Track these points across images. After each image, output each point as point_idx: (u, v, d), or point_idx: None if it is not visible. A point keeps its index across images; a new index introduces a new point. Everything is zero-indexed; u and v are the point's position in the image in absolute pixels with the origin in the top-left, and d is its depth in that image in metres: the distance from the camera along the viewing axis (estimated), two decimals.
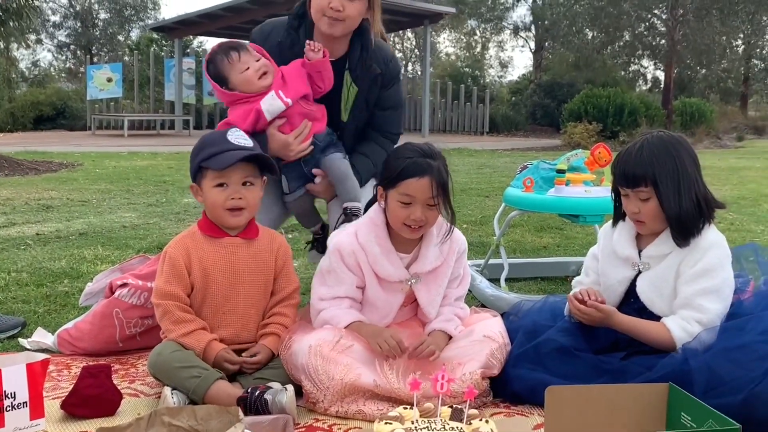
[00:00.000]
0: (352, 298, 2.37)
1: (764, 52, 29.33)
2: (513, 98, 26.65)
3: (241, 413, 1.86)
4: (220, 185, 2.29)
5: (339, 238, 2.39)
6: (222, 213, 2.31)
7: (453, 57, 40.28)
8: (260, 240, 2.40)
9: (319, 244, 3.00)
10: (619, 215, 2.42)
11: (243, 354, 2.30)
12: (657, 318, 2.29)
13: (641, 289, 2.31)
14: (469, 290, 3.58)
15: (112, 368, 2.51)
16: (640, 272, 2.33)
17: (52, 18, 29.44)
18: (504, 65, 40.21)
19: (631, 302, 2.36)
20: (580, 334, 2.33)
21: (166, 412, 1.87)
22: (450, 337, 2.38)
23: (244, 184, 2.31)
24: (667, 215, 2.23)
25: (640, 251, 2.34)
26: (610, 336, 2.31)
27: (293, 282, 2.45)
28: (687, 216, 2.22)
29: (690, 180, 2.23)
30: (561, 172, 3.48)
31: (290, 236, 4.98)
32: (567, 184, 3.46)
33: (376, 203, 2.40)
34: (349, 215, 2.69)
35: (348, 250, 2.34)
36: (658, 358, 2.16)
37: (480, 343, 2.31)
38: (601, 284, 2.42)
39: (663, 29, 22.42)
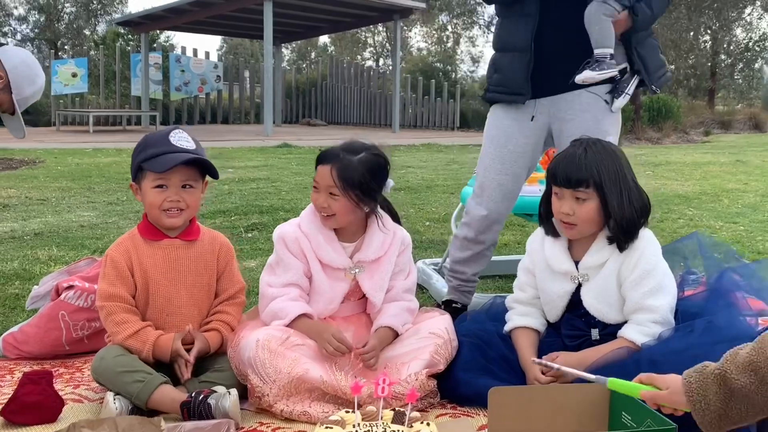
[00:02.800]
0: (299, 286, 2.39)
1: (731, 47, 29.72)
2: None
3: (163, 424, 1.83)
4: (159, 186, 2.27)
5: (283, 228, 2.45)
6: (159, 213, 2.29)
7: (424, 52, 40.33)
8: (201, 241, 2.39)
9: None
10: (549, 224, 2.39)
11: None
12: (603, 323, 2.31)
13: (588, 303, 2.31)
14: (425, 289, 3.61)
15: (57, 372, 2.49)
16: (580, 284, 2.33)
17: (15, 11, 28.95)
18: (475, 60, 40.30)
19: (575, 311, 2.37)
20: None
21: (86, 425, 1.85)
22: (397, 334, 2.38)
23: (183, 186, 2.29)
24: (613, 218, 2.24)
25: (576, 263, 2.34)
26: (556, 348, 2.32)
27: (237, 282, 2.44)
28: (630, 220, 2.23)
29: (630, 186, 2.25)
30: None
31: (249, 235, 4.95)
32: None
33: None
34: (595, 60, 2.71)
35: (291, 238, 2.40)
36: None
37: (425, 339, 2.32)
38: (542, 299, 2.41)
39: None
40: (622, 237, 2.25)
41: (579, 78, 2.72)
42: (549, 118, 2.85)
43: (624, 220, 2.23)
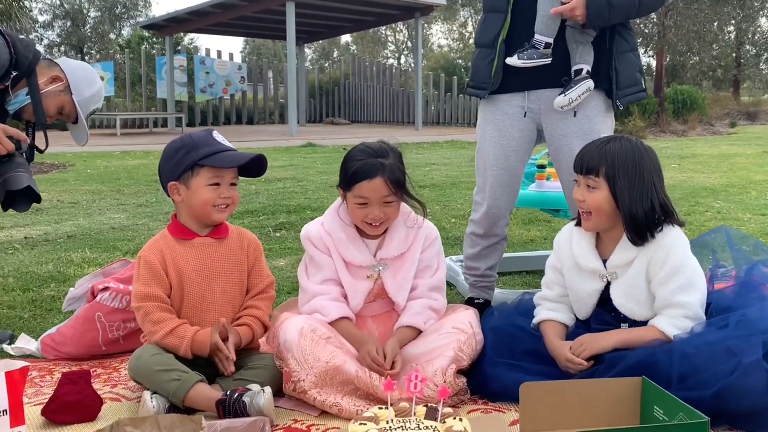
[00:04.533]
0: (337, 281, 2.43)
1: (756, 37, 29.34)
2: None
3: (204, 422, 1.87)
4: (215, 184, 2.33)
5: (307, 228, 2.49)
6: (210, 210, 2.35)
7: (446, 49, 40.26)
8: (230, 238, 2.44)
9: None
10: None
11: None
12: (635, 322, 2.31)
13: (618, 302, 2.31)
14: (452, 286, 3.62)
15: (95, 372, 2.55)
16: (609, 282, 2.34)
17: (41, 18, 29.32)
18: None
19: (604, 307, 2.37)
20: None
21: (129, 422, 1.88)
22: (419, 332, 2.40)
23: (231, 184, 2.37)
24: (621, 211, 2.25)
25: (604, 261, 2.34)
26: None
27: (266, 277, 2.49)
28: (639, 217, 2.23)
29: (646, 184, 2.24)
30: (542, 167, 3.49)
31: (278, 234, 5.00)
32: (548, 179, 3.47)
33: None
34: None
35: (316, 236, 2.44)
36: (629, 350, 2.19)
37: (447, 335, 2.32)
38: (571, 297, 2.42)
39: (653, 16, 22.43)
40: (632, 231, 2.25)
41: (509, 60, 2.77)
42: (539, 113, 2.88)
43: (631, 217, 2.23)
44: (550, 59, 2.75)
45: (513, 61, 2.76)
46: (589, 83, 2.75)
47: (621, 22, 2.81)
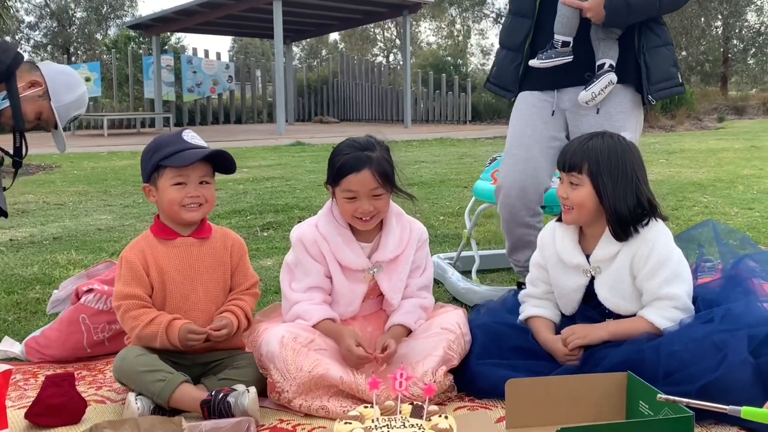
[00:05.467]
0: (322, 288, 2.40)
1: (743, 32, 29.46)
2: None
3: (184, 423, 1.86)
4: (179, 184, 2.31)
5: (301, 229, 2.45)
6: (178, 210, 2.32)
7: (434, 46, 40.28)
8: (213, 238, 2.42)
9: None
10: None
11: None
12: (619, 317, 2.32)
13: (603, 296, 2.32)
14: (441, 283, 3.62)
15: (80, 375, 2.53)
16: (593, 277, 2.34)
17: (27, 18, 29.15)
18: (486, 53, 40.20)
19: (589, 302, 2.37)
20: None
21: (108, 425, 1.87)
22: (410, 331, 2.40)
23: (201, 183, 2.33)
24: (605, 207, 2.26)
25: (587, 256, 2.34)
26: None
27: (251, 277, 2.46)
28: (623, 212, 2.24)
29: (630, 180, 2.25)
30: None
31: (265, 234, 4.98)
32: None
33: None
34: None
35: (310, 240, 2.40)
36: (616, 346, 2.19)
37: (437, 335, 2.32)
38: (556, 294, 2.42)
39: None
40: (617, 226, 2.26)
41: (531, 62, 2.84)
42: (568, 112, 2.90)
43: (615, 214, 2.24)
44: (571, 57, 2.77)
45: (534, 63, 2.83)
46: (611, 76, 2.76)
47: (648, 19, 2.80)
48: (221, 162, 2.37)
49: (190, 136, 2.35)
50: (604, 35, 2.77)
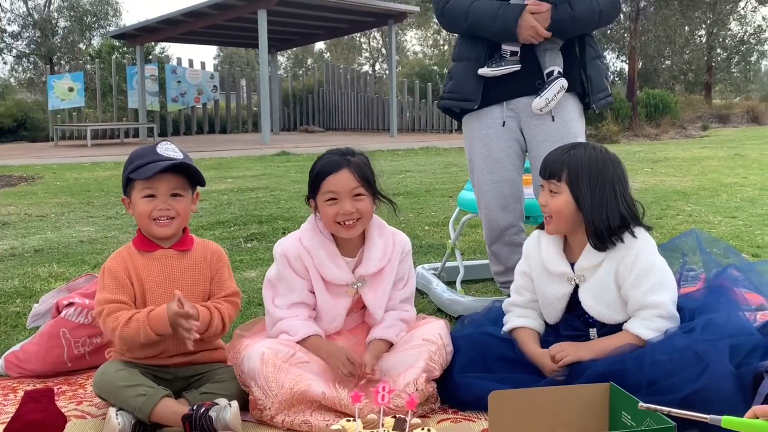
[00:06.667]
0: (306, 304, 2.38)
1: (726, 41, 29.73)
2: None
3: None
4: (149, 196, 2.29)
5: (284, 244, 2.42)
6: (149, 223, 2.30)
7: (420, 55, 40.39)
8: (194, 251, 2.39)
9: None
10: None
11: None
12: (601, 323, 2.32)
13: (588, 305, 2.32)
14: (425, 294, 3.61)
15: (60, 390, 2.50)
16: (577, 285, 2.34)
17: (9, 28, 28.96)
18: None
19: (573, 311, 2.38)
20: None
21: None
22: (391, 345, 2.38)
23: (173, 195, 2.31)
24: (584, 217, 2.26)
25: (572, 264, 2.35)
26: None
27: (228, 287, 2.40)
28: (599, 225, 2.25)
29: (607, 193, 2.25)
30: None
31: (249, 245, 4.96)
32: None
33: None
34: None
35: (294, 255, 2.37)
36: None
37: (418, 347, 2.31)
38: (541, 302, 2.42)
39: (626, 22, 22.65)
40: (594, 236, 2.27)
41: (480, 71, 2.92)
42: (518, 122, 2.99)
43: (592, 224, 2.25)
44: (519, 66, 2.89)
45: (484, 71, 2.91)
46: (562, 81, 2.88)
47: (587, 33, 2.96)
48: (193, 173, 2.35)
49: (164, 148, 2.32)
50: (548, 45, 2.89)
